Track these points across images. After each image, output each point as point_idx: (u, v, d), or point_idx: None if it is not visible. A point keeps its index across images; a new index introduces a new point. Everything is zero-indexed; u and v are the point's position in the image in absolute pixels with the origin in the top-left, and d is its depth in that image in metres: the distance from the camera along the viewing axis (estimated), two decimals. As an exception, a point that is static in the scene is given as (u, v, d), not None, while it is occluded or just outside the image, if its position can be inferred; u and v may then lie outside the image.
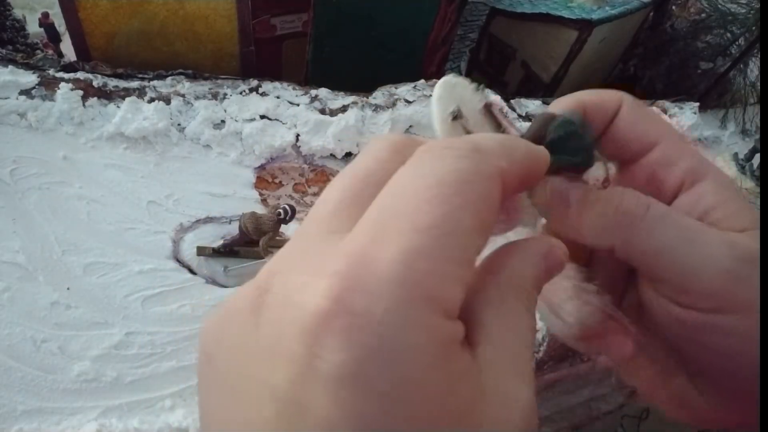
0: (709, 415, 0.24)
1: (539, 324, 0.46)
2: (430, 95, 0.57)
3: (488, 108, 0.23)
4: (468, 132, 0.22)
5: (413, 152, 0.16)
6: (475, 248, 0.15)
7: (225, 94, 0.49)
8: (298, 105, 0.50)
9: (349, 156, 0.49)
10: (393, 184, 0.15)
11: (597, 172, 0.22)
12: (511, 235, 0.23)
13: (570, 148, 0.22)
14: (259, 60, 0.54)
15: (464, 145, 0.16)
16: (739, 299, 0.20)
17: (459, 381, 0.14)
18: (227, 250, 0.42)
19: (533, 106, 0.57)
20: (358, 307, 0.13)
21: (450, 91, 0.22)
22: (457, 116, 0.21)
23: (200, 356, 0.16)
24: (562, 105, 0.24)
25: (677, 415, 0.25)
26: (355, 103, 0.51)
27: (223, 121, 0.47)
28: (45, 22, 0.60)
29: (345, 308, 0.13)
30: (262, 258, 0.42)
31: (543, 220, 0.23)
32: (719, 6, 0.65)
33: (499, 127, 0.23)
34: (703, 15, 0.66)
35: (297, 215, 0.42)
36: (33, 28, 0.60)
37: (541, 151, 0.19)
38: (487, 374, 0.16)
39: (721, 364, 0.22)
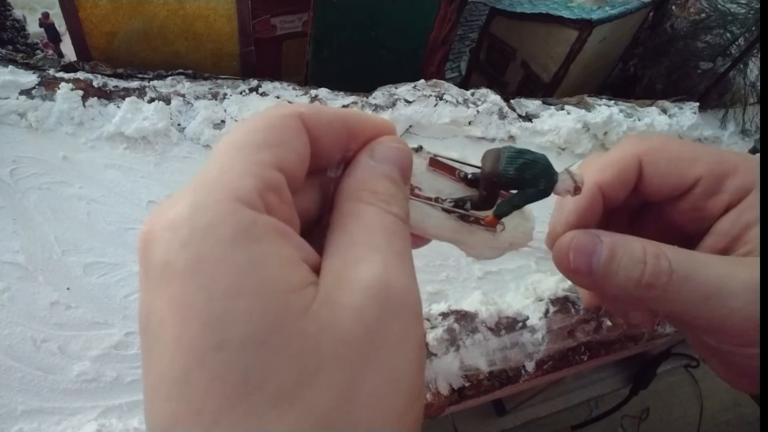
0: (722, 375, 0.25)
1: (539, 324, 0.46)
2: (431, 95, 0.57)
3: (434, 163, 0.22)
4: (428, 199, 0.22)
5: None
6: (267, 156, 0.17)
7: (225, 94, 0.49)
8: (298, 105, 0.49)
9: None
10: None
11: (565, 183, 0.22)
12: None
13: (529, 179, 0.21)
14: (259, 60, 0.54)
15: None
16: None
17: (270, 260, 0.15)
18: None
19: (533, 106, 0.57)
20: (172, 213, 0.16)
21: None
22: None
23: None
24: (577, 203, 0.24)
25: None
26: (355, 103, 0.51)
27: (223, 121, 0.47)
28: (45, 22, 0.60)
29: (158, 219, 0.16)
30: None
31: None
32: (719, 6, 0.65)
33: (453, 171, 0.23)
34: (703, 15, 0.66)
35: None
36: (33, 28, 0.60)
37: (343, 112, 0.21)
38: (326, 262, 0.17)
39: (740, 371, 0.23)
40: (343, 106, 0.50)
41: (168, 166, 0.45)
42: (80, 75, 0.46)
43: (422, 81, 0.54)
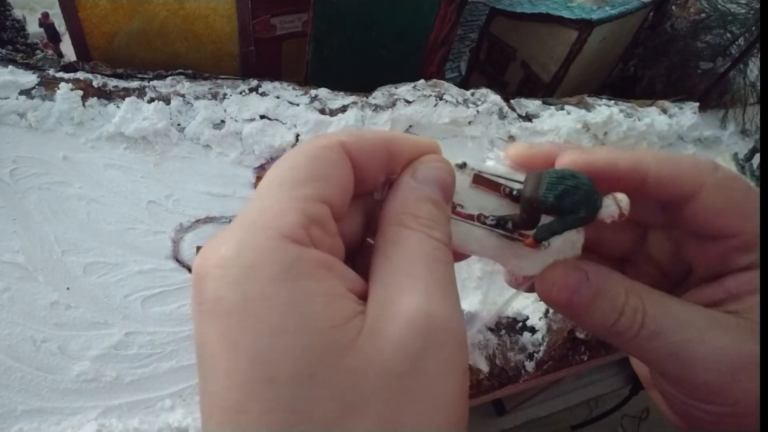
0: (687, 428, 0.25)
1: (539, 324, 0.46)
2: (431, 95, 0.58)
3: (479, 179, 0.22)
4: (470, 217, 0.22)
5: None
6: (310, 190, 0.18)
7: (225, 94, 0.49)
8: (298, 105, 0.50)
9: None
10: None
11: (609, 209, 0.21)
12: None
13: (569, 207, 0.20)
14: (259, 60, 0.54)
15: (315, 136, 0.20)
16: (729, 399, 0.21)
17: (313, 296, 0.16)
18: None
19: (533, 106, 0.57)
20: (222, 251, 0.16)
21: None
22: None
23: None
24: (617, 157, 0.22)
25: (660, 408, 0.26)
26: (355, 103, 0.51)
27: (223, 121, 0.47)
28: (45, 22, 0.60)
29: (209, 255, 0.17)
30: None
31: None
32: (719, 6, 0.65)
33: (498, 187, 0.22)
34: (703, 15, 0.66)
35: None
36: (33, 28, 0.59)
37: (384, 136, 0.21)
38: (372, 290, 0.17)
39: (688, 418, 0.23)
40: (343, 106, 0.50)
41: (168, 166, 0.45)
42: (80, 75, 0.46)
43: (422, 81, 0.54)
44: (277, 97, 0.50)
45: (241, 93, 0.49)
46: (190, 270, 0.41)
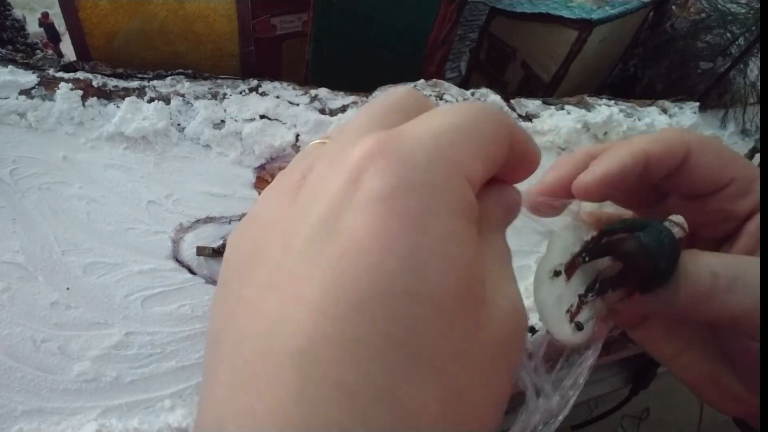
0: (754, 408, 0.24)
1: (539, 324, 0.46)
2: (431, 95, 0.57)
3: (569, 271, 0.24)
4: (578, 308, 0.24)
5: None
6: (492, 148, 0.17)
7: (225, 94, 0.49)
8: (297, 105, 0.50)
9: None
10: (425, 113, 0.18)
11: (678, 235, 0.22)
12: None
13: (656, 265, 0.21)
14: (259, 60, 0.54)
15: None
16: None
17: (471, 240, 0.16)
18: (227, 250, 0.42)
19: (533, 106, 0.57)
20: (399, 149, 0.15)
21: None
22: (558, 272, 0.23)
23: (231, 262, 0.18)
24: (620, 157, 0.23)
25: (723, 407, 0.26)
26: (355, 103, 0.51)
27: (222, 121, 0.47)
28: (45, 22, 0.60)
29: (388, 149, 0.15)
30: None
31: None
32: (719, 6, 0.65)
33: (576, 266, 0.24)
34: (703, 15, 0.66)
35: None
36: (33, 28, 0.59)
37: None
38: (485, 266, 0.17)
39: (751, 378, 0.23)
40: (343, 106, 0.50)
41: (168, 166, 0.45)
42: (80, 75, 0.46)
43: (422, 81, 0.54)
44: (277, 97, 0.50)
45: (241, 93, 0.49)
46: (190, 270, 0.41)
